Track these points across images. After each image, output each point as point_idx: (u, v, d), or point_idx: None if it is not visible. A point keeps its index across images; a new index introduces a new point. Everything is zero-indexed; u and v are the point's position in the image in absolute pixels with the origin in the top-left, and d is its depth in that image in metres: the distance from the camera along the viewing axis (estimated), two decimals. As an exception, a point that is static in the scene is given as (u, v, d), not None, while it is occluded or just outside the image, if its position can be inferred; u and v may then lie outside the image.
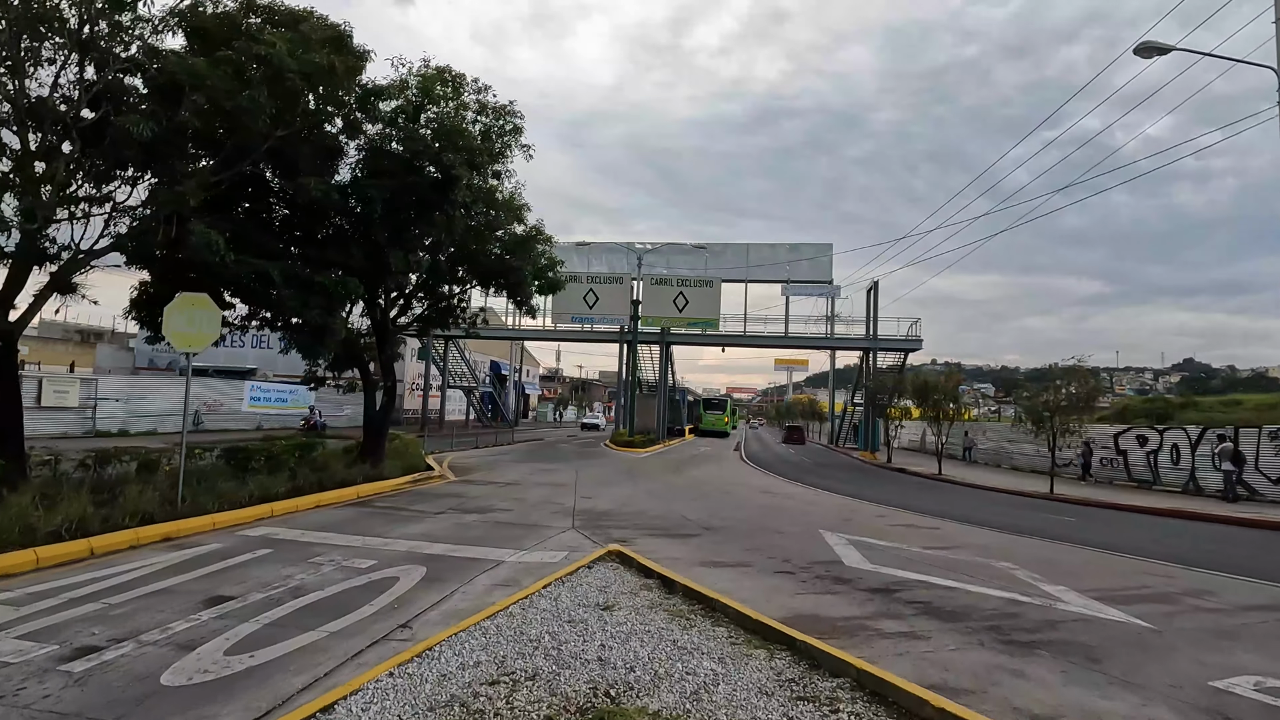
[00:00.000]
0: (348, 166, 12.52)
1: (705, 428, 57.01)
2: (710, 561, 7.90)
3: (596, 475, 18.12)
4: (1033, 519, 14.32)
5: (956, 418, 28.41)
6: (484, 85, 14.05)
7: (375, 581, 6.63)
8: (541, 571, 7.20)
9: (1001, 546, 10.08)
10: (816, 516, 12.52)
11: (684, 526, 10.47)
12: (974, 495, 19.82)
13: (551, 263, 17.14)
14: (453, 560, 7.63)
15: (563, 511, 11.29)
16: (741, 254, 39.00)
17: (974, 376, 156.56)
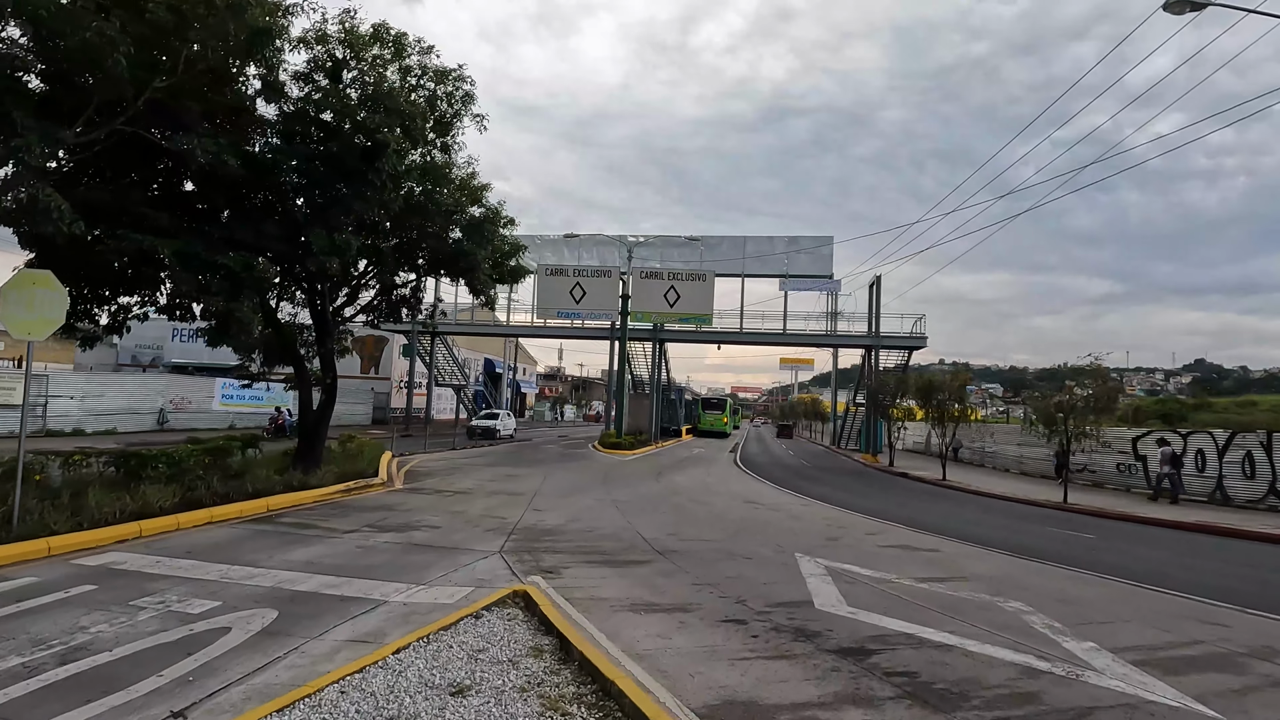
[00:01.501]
0: (271, 134, 10.99)
1: (704, 428, 55.37)
2: (644, 604, 6.31)
3: (564, 482, 16.55)
4: (1046, 537, 12.65)
5: (963, 419, 26.66)
6: (429, 46, 12.51)
7: (196, 635, 5.09)
8: (423, 618, 5.65)
9: (1012, 577, 8.45)
10: (798, 534, 10.90)
11: (634, 550, 8.88)
12: (979, 505, 18.14)
13: (514, 248, 15.57)
14: (322, 601, 6.08)
15: (499, 530, 9.73)
16: (738, 246, 37.31)
17: (982, 377, 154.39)
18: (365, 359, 46.15)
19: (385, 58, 12.12)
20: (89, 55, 7.41)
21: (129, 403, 27.03)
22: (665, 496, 15.00)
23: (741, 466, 26.25)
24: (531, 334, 42.23)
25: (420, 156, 13.27)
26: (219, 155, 8.88)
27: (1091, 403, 18.27)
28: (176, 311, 10.66)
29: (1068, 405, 18.74)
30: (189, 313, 10.67)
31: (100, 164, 9.38)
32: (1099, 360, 19.22)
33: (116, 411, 26.23)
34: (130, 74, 8.00)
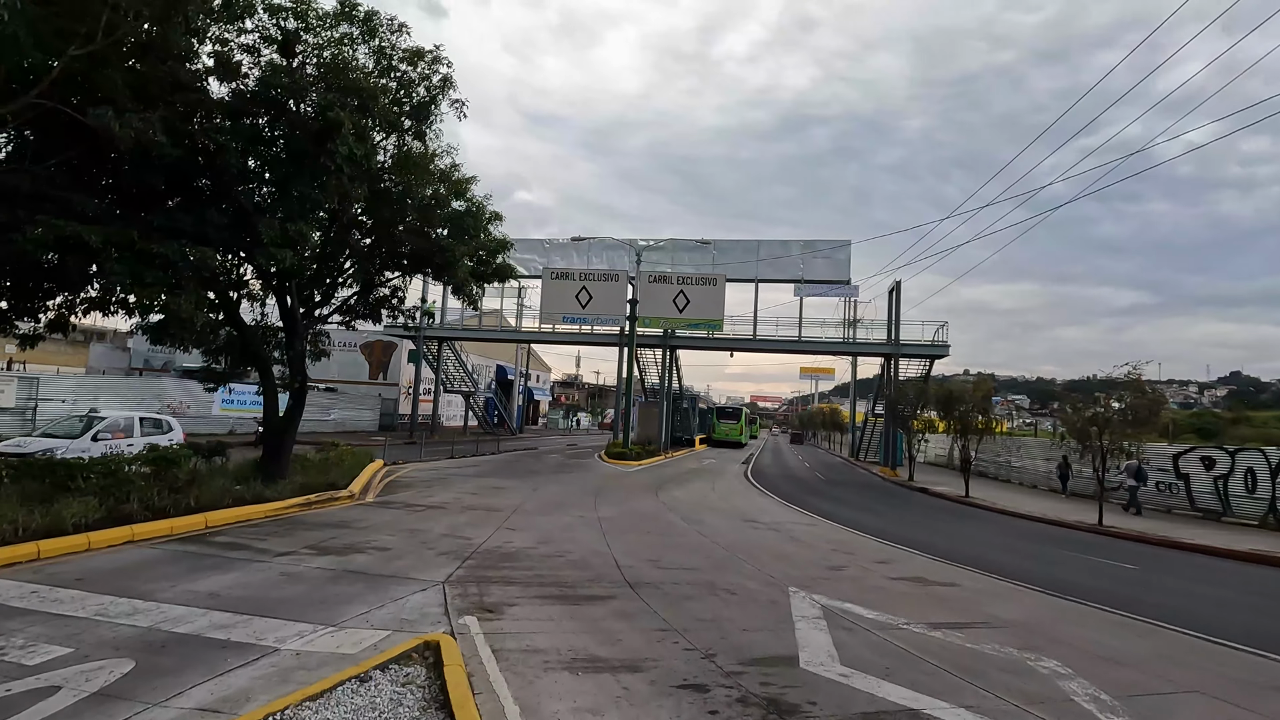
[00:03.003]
0: (217, 114, 10.08)
1: (718, 438, 54.01)
2: (587, 659, 5.15)
3: (551, 496, 15.43)
4: (1082, 568, 11.25)
5: (987, 432, 25.08)
6: (400, 24, 11.56)
7: (8, 699, 4.06)
8: (308, 675, 4.56)
9: (1044, 624, 7.14)
10: (797, 562, 9.66)
11: (601, 581, 7.72)
12: (1005, 526, 16.68)
13: (499, 245, 14.55)
14: (199, 647, 5.02)
15: (454, 553, 8.62)
16: (751, 251, 36.01)
17: (1008, 388, 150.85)
18: (374, 365, 45.59)
19: (354, 36, 11.22)
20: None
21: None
22: (657, 514, 13.80)
23: (751, 480, 24.93)
24: (536, 340, 41.27)
25: (395, 145, 12.35)
26: (145, 133, 7.94)
27: (1129, 415, 16.76)
28: (110, 307, 9.74)
29: (1102, 418, 17.24)
30: (125, 307, 9.75)
31: (16, 144, 8.50)
32: (1137, 370, 17.68)
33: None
34: (33, 39, 7.09)
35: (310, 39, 10.02)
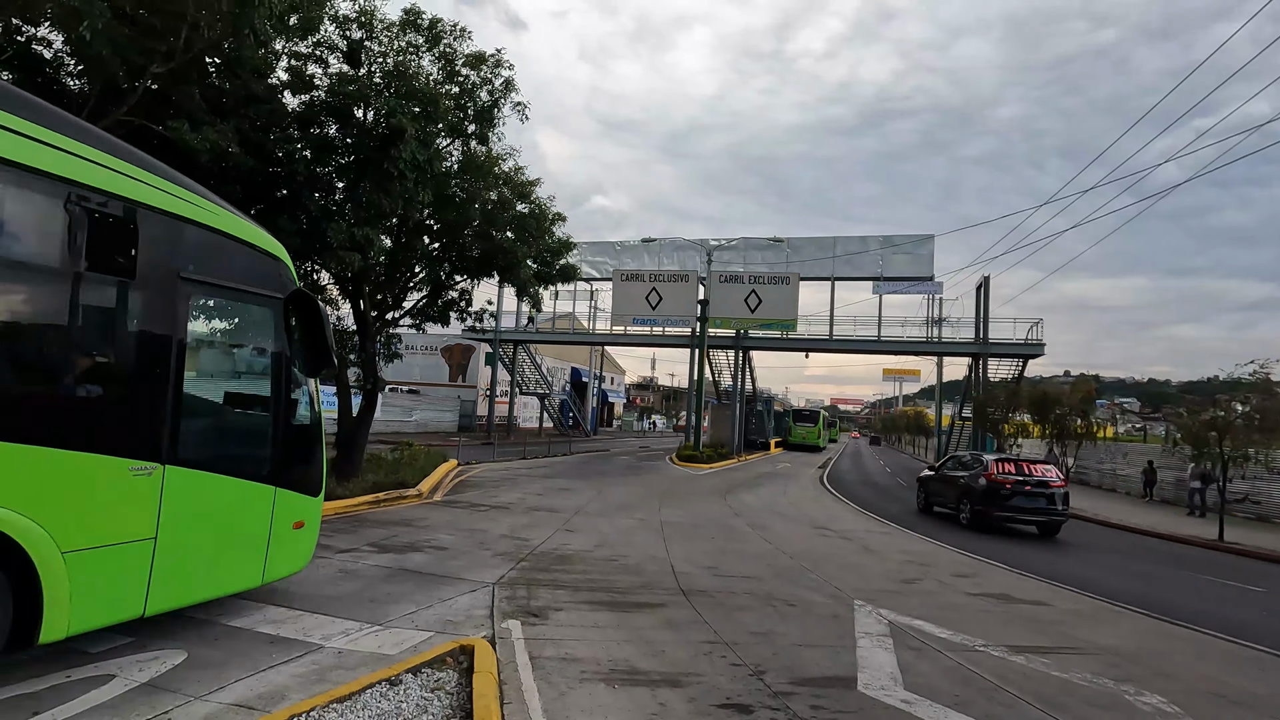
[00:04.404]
0: (289, 125, 10.52)
1: (794, 441, 52.70)
2: (626, 671, 4.91)
3: (616, 498, 15.30)
4: (1196, 590, 10.11)
5: (1087, 437, 23.21)
6: (464, 29, 11.75)
7: (66, 685, 4.23)
8: (345, 675, 4.54)
9: (1147, 651, 6.37)
10: (865, 573, 9.09)
11: (653, 588, 7.47)
12: (1106, 540, 15.28)
13: (562, 246, 14.58)
14: (248, 641, 5.11)
15: (510, 555, 8.59)
16: (826, 248, 34.87)
17: (1114, 390, 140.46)
18: (453, 367, 47.18)
19: (418, 44, 11.48)
20: (65, 30, 6.96)
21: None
22: (722, 519, 13.42)
23: (826, 485, 24.05)
24: (607, 342, 41.53)
25: (459, 149, 12.57)
26: (220, 144, 8.33)
27: (1255, 419, 15.02)
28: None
29: (1222, 423, 15.55)
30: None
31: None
32: (1265, 369, 15.84)
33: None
34: (119, 58, 7.54)
35: (375, 47, 10.29)
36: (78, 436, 4.03)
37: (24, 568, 3.76)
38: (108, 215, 4.11)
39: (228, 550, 5.23)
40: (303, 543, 5.96)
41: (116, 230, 4.18)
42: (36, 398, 3.98)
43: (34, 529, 3.75)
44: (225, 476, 5.08)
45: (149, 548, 4.48)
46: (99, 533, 4.18)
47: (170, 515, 4.58)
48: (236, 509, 5.23)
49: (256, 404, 5.62)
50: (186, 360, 4.75)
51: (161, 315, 4.53)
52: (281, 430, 5.60)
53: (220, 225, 5.03)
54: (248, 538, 5.35)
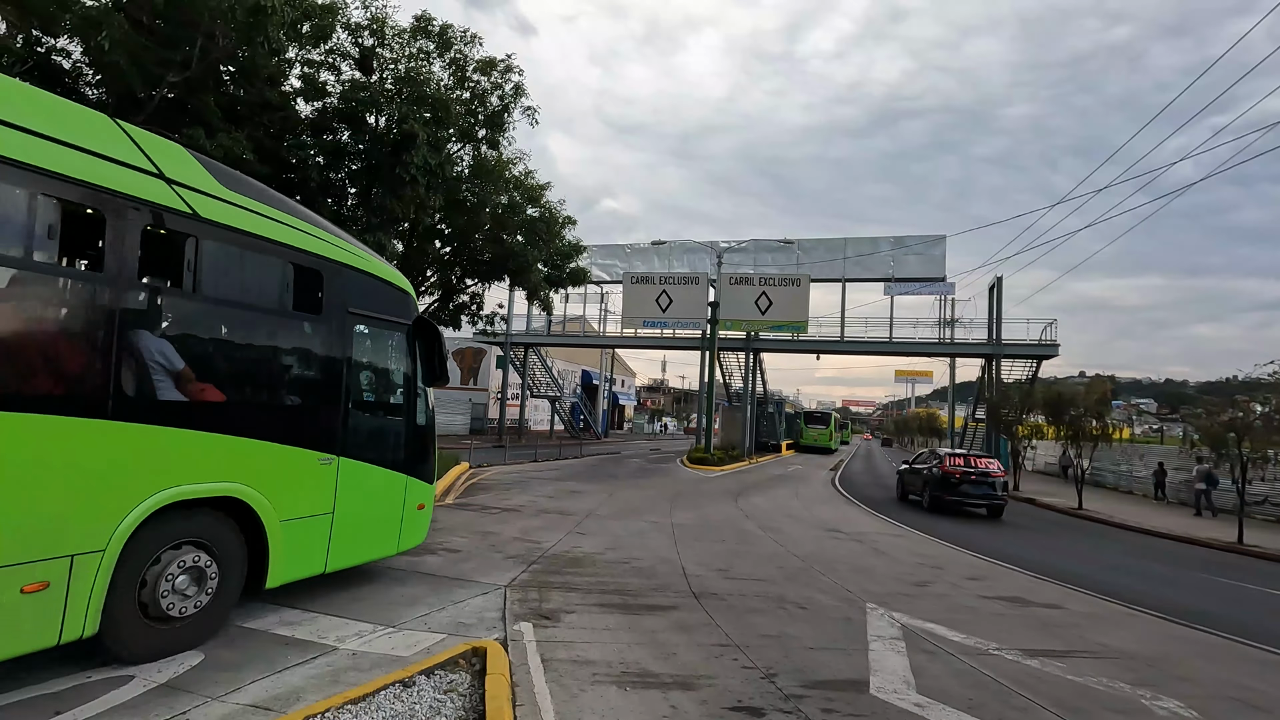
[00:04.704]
0: (302, 131, 10.64)
1: (806, 443, 52.50)
2: (638, 673, 4.92)
3: (627, 501, 15.31)
4: (1215, 592, 9.98)
5: (1103, 438, 22.95)
6: (474, 35, 11.84)
7: (86, 686, 4.30)
8: (360, 676, 4.58)
9: (1164, 655, 6.30)
10: (878, 576, 9.05)
11: (665, 590, 7.47)
12: (1123, 542, 15.13)
13: (572, 250, 14.63)
14: (263, 642, 5.16)
15: (521, 557, 8.62)
16: (837, 249, 34.77)
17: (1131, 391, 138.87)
18: (465, 371, 47.40)
19: (429, 50, 11.58)
20: (84, 41, 7.08)
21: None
22: (733, 521, 13.39)
23: (837, 487, 23.95)
24: (617, 344, 41.58)
25: (470, 154, 12.66)
26: (234, 151, 8.43)
27: (1275, 421, 14.83)
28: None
29: (1241, 424, 15.35)
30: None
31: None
32: (1285, 368, 15.63)
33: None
34: (136, 68, 7.66)
35: (386, 54, 10.38)
36: (287, 434, 5.41)
37: (256, 532, 5.16)
38: (306, 268, 5.50)
39: (376, 525, 6.52)
40: (422, 521, 7.20)
41: (310, 279, 5.55)
42: (263, 405, 5.35)
43: (263, 501, 5.14)
44: (376, 467, 6.39)
45: (329, 520, 5.85)
46: (300, 507, 5.56)
47: (342, 496, 5.92)
48: (383, 493, 6.51)
49: (395, 410, 6.82)
50: (350, 374, 6.04)
51: (336, 341, 5.88)
52: (411, 430, 6.86)
53: (370, 269, 6.34)
54: (389, 516, 6.65)
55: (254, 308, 5.25)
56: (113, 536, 4.23)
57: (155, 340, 4.53)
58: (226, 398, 5.02)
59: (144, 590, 4.54)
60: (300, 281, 5.46)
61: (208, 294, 4.89)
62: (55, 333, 4.06)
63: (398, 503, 6.70)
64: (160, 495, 4.47)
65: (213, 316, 5.05)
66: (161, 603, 4.60)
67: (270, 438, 5.23)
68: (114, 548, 4.24)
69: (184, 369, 4.66)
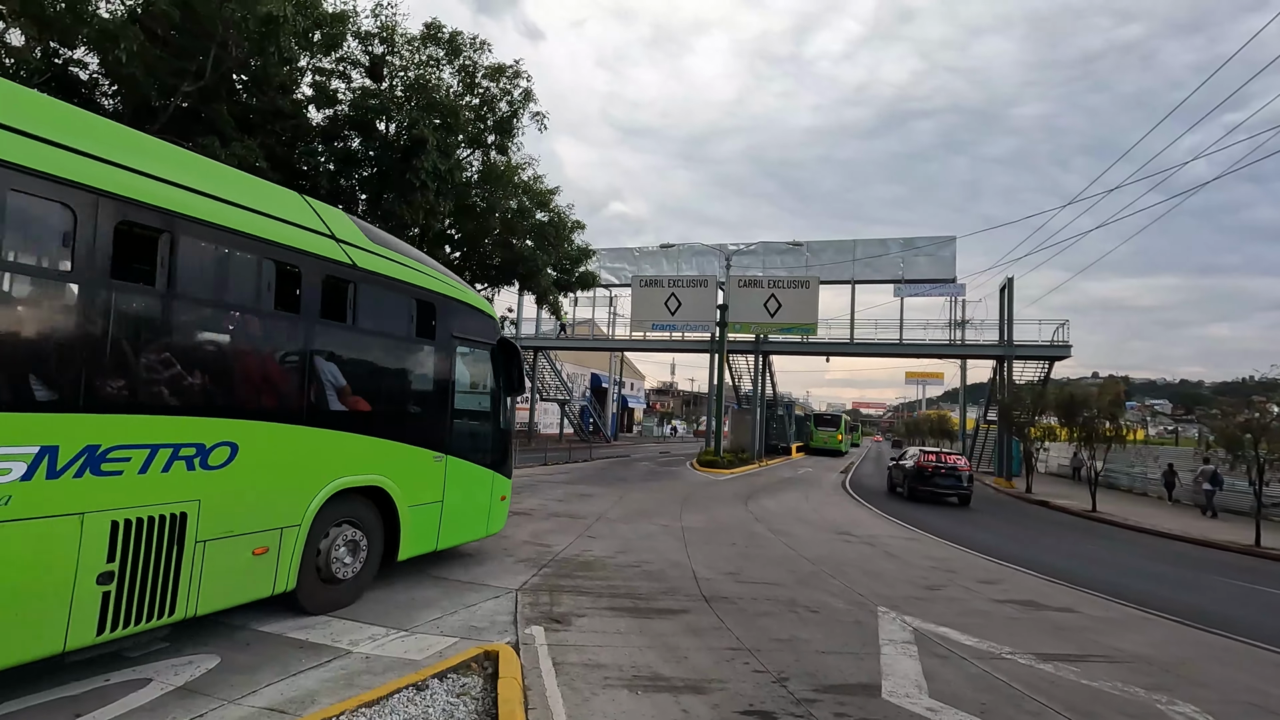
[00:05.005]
0: (314, 139, 10.74)
1: (816, 445, 52.24)
2: (649, 677, 4.93)
3: (637, 504, 15.33)
4: (1231, 595, 9.88)
5: (1116, 440, 22.75)
6: (483, 42, 11.93)
7: (104, 689, 4.36)
8: (373, 679, 4.63)
9: (1179, 658, 6.25)
10: (889, 579, 9.02)
11: (676, 593, 7.48)
12: (1138, 545, 14.99)
13: (582, 254, 14.69)
14: (278, 646, 5.22)
15: (532, 561, 8.65)
16: (846, 251, 34.66)
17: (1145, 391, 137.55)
18: (474, 374, 47.51)
19: (439, 57, 11.67)
20: (100, 52, 7.19)
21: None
22: (744, 524, 13.38)
23: (848, 490, 23.85)
24: (626, 348, 41.62)
25: (480, 160, 12.74)
26: (247, 159, 8.53)
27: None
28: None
29: (1258, 425, 15.19)
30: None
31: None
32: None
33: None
34: (151, 78, 7.77)
35: (396, 61, 10.48)
36: (412, 436, 6.70)
37: (391, 515, 6.45)
38: (426, 304, 6.88)
39: (472, 512, 7.79)
40: (503, 511, 8.51)
41: (428, 312, 6.92)
42: (396, 413, 6.64)
43: (397, 490, 6.42)
44: (473, 464, 7.65)
45: (439, 508, 7.13)
46: (421, 496, 6.85)
47: (449, 487, 7.23)
48: (476, 485, 7.79)
49: (485, 416, 8.10)
50: (455, 387, 7.36)
51: (445, 360, 7.20)
52: (496, 433, 8.19)
53: (467, 299, 7.64)
54: (481, 505, 7.94)
55: (389, 335, 6.56)
56: (305, 514, 5.54)
57: (328, 364, 5.81)
58: (372, 408, 6.23)
59: (319, 557, 5.82)
60: (421, 314, 6.83)
61: (360, 326, 6.13)
62: (273, 360, 5.40)
63: (487, 494, 8.02)
64: (333, 484, 5.77)
65: (362, 343, 6.26)
66: (331, 567, 5.89)
67: (401, 439, 6.53)
68: (305, 523, 5.55)
69: (345, 385, 5.93)
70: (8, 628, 3.76)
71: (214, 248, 4.90)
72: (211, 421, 4.77)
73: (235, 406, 4.99)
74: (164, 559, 4.53)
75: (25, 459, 3.78)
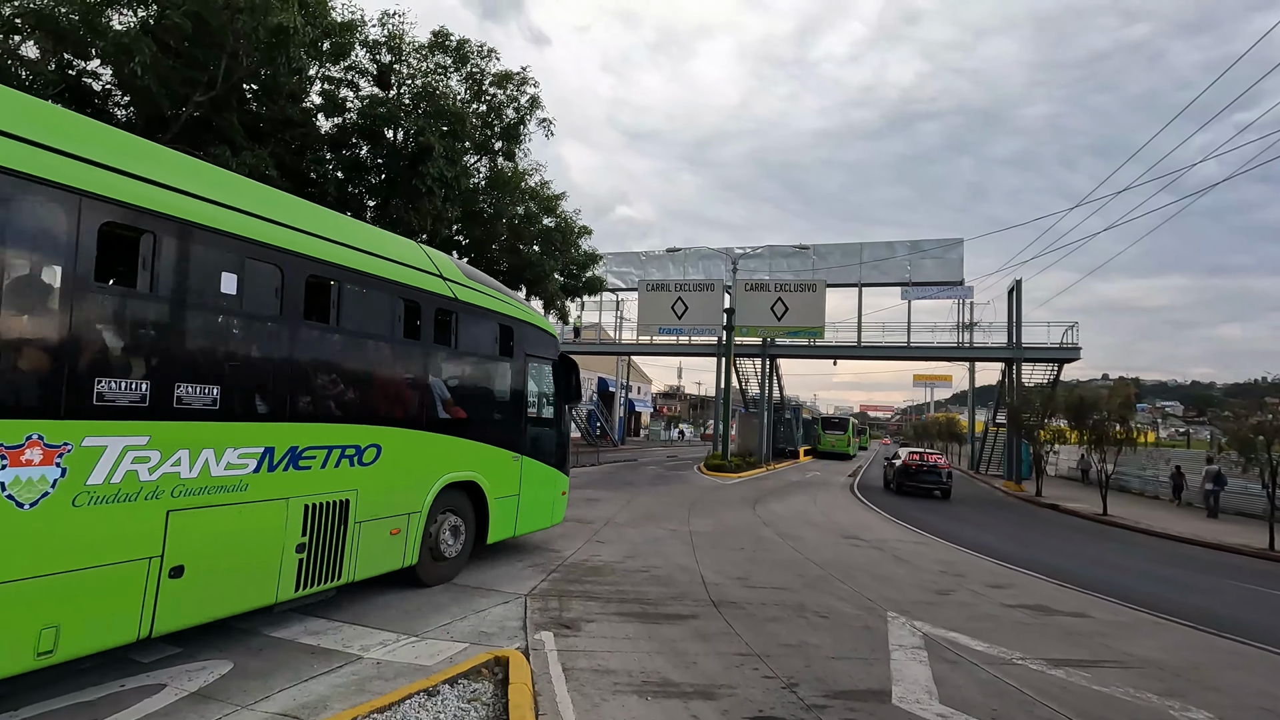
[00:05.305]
0: (322, 147, 10.84)
1: (824, 449, 52.08)
2: (659, 683, 4.95)
3: (645, 508, 15.33)
4: (1245, 600, 9.80)
5: (1127, 443, 22.58)
6: (490, 50, 12.01)
7: (119, 695, 4.40)
8: (384, 685, 4.66)
9: (1192, 664, 6.20)
10: (899, 584, 8.99)
11: (684, 598, 7.49)
12: (1150, 549, 14.89)
13: (589, 258, 14.73)
14: (291, 652, 5.26)
15: (540, 566, 8.67)
16: (853, 254, 34.62)
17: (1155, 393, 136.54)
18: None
19: (446, 65, 11.76)
20: (114, 65, 7.29)
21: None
22: (751, 529, 13.36)
23: (856, 493, 23.78)
24: (633, 352, 41.61)
25: (487, 166, 12.81)
26: (258, 168, 8.62)
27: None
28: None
29: (1270, 427, 15.06)
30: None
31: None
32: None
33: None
34: (164, 90, 7.86)
35: (404, 69, 10.56)
36: (497, 439, 7.94)
37: (481, 506, 7.72)
38: (507, 327, 8.14)
39: (541, 505, 9.03)
40: (563, 505, 9.81)
41: (508, 334, 8.16)
42: (485, 420, 7.84)
43: (487, 484, 7.69)
44: (541, 463, 8.89)
45: (517, 500, 8.37)
46: (504, 490, 8.07)
47: (524, 483, 8.47)
48: (545, 482, 9.01)
49: (549, 422, 9.27)
50: (527, 397, 8.58)
51: (520, 375, 8.40)
52: (558, 437, 9.44)
53: (536, 322, 8.87)
54: (548, 499, 9.19)
55: (480, 355, 7.79)
56: (424, 502, 6.80)
57: (438, 380, 7.02)
58: (468, 415, 7.41)
59: (431, 540, 7.05)
60: (503, 336, 8.07)
61: (459, 348, 7.33)
62: (403, 377, 6.63)
63: (553, 490, 9.26)
64: (443, 479, 7.04)
65: (461, 362, 7.49)
66: (440, 547, 7.17)
67: (489, 442, 7.76)
68: (424, 510, 6.80)
69: (449, 398, 7.15)
70: (243, 582, 5.06)
71: (367, 292, 6.15)
72: (366, 428, 6.04)
73: (380, 416, 6.24)
74: (336, 535, 5.77)
75: (255, 456, 5.00)
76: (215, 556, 4.77)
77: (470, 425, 7.39)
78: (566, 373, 9.32)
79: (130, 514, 4.22)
